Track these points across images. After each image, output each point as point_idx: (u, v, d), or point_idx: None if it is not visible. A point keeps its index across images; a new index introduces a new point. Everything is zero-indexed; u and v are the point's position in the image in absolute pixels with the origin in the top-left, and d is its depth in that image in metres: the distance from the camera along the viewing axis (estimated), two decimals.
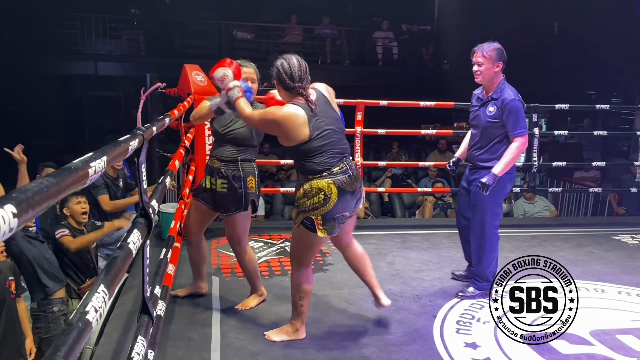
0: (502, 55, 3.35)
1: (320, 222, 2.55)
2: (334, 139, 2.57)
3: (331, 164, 2.55)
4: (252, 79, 3.08)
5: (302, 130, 2.50)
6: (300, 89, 2.56)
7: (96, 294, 1.02)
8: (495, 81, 3.37)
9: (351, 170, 2.60)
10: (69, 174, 0.92)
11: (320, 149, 2.53)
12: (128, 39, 11.72)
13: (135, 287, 3.36)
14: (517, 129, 3.26)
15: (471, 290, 3.47)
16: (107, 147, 1.27)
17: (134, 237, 1.44)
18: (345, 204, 2.57)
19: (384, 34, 12.31)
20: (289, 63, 2.56)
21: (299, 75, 2.56)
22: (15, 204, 0.68)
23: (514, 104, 3.27)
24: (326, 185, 2.53)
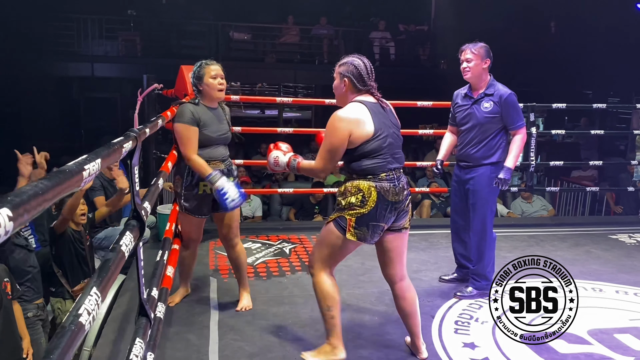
0: (489, 53, 3.42)
1: (353, 224, 2.45)
2: (390, 144, 2.51)
3: (380, 169, 2.47)
4: (221, 75, 3.06)
5: (366, 127, 2.44)
6: (372, 89, 2.55)
7: (89, 296, 1.01)
8: (484, 78, 3.42)
9: (399, 181, 2.50)
10: (64, 177, 0.91)
11: (374, 151, 2.46)
12: (125, 40, 11.71)
13: (132, 288, 3.35)
14: (518, 121, 3.34)
15: (469, 290, 3.47)
16: (101, 149, 1.26)
17: (126, 239, 1.43)
18: (382, 212, 2.44)
19: (381, 34, 12.32)
20: (364, 62, 2.54)
21: (371, 74, 2.55)
22: (10, 207, 0.67)
23: (512, 98, 3.33)
24: (367, 187, 2.44)
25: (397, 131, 2.60)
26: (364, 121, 2.44)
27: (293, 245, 4.50)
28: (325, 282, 2.57)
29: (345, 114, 2.45)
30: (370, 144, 2.45)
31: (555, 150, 10.98)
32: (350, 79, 2.51)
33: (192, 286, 3.54)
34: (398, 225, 2.55)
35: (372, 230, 2.47)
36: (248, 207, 6.56)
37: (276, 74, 12.45)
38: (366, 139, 2.44)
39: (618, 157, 11.62)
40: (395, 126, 2.60)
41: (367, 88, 2.53)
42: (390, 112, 2.61)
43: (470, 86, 3.50)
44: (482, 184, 3.39)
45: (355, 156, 2.47)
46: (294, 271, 3.90)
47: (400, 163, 2.56)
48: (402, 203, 2.51)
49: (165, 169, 3.03)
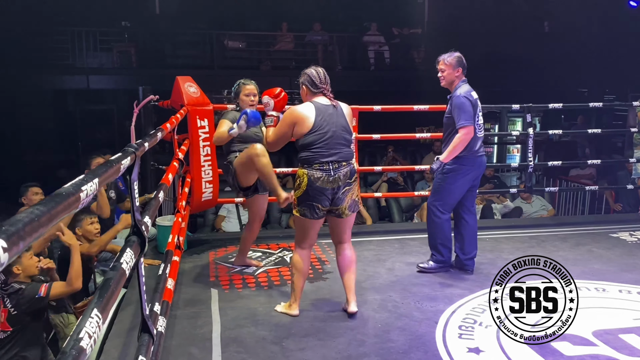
0: (461, 62, 3.83)
1: (296, 203, 3.10)
2: (328, 141, 3.02)
3: (314, 159, 3.01)
4: (254, 93, 3.85)
5: (306, 123, 3.02)
6: (325, 90, 3.12)
7: (89, 319, 1.00)
8: (455, 84, 3.84)
9: (335, 172, 3.02)
10: (60, 201, 0.90)
11: (313, 143, 3.01)
12: (119, 51, 11.68)
13: (133, 302, 3.33)
14: (460, 120, 3.71)
15: (430, 264, 3.94)
16: (98, 169, 1.24)
17: (127, 256, 1.41)
18: (315, 195, 3.01)
19: (374, 38, 12.32)
20: (317, 71, 3.14)
21: (325, 80, 3.14)
22: (5, 238, 0.66)
23: (458, 99, 3.74)
24: (302, 174, 3.04)
25: (343, 131, 3.09)
26: (306, 117, 3.02)
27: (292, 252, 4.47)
28: (295, 254, 3.22)
29: (295, 109, 3.07)
30: (308, 137, 3.02)
31: (553, 149, 10.98)
32: (306, 85, 3.13)
33: (192, 298, 3.52)
34: (337, 210, 3.10)
35: (309, 209, 3.05)
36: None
37: (272, 81, 12.40)
38: (305, 132, 3.02)
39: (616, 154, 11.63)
40: (342, 126, 3.09)
41: (319, 90, 3.11)
42: (339, 113, 3.12)
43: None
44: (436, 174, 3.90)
45: (299, 146, 3.07)
46: None
47: (340, 157, 3.04)
48: (337, 190, 3.03)
49: (166, 181, 3.02)
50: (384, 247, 4.62)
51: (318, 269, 4.09)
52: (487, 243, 4.72)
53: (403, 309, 3.33)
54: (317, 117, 3.02)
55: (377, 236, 4.99)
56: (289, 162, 9.97)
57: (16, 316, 3.06)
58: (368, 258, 4.35)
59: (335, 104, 3.13)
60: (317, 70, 3.14)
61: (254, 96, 3.84)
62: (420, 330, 3.05)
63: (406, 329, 3.07)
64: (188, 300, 3.50)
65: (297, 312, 3.23)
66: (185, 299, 3.52)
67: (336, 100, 3.17)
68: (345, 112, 3.17)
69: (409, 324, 3.12)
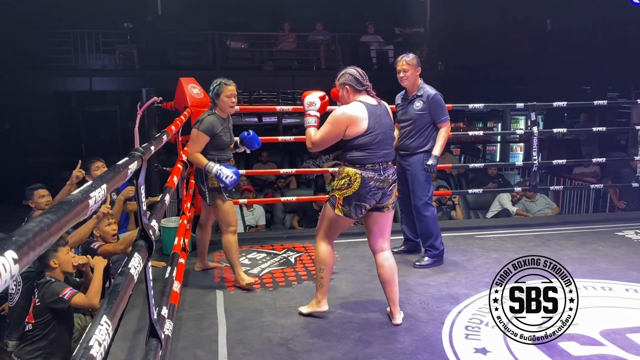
0: (419, 62, 4.11)
1: (341, 202, 3.01)
2: (380, 140, 3.00)
3: (367, 160, 2.98)
4: (235, 94, 3.72)
5: (361, 124, 2.96)
6: (369, 88, 3.08)
7: (99, 326, 0.99)
8: (417, 83, 4.10)
9: (384, 171, 3.02)
10: (69, 209, 0.89)
11: (366, 145, 2.97)
12: (122, 52, 11.69)
13: (139, 304, 3.33)
14: (442, 116, 4.02)
15: (426, 260, 4.12)
16: (106, 174, 1.24)
17: (135, 261, 1.40)
18: (365, 195, 2.97)
19: (372, 38, 12.31)
20: (356, 70, 3.10)
21: (366, 77, 3.10)
22: (15, 249, 0.65)
23: (437, 97, 4.02)
24: (353, 174, 2.98)
25: (390, 130, 3.08)
26: (361, 118, 2.95)
27: (298, 253, 4.48)
28: (322, 249, 3.15)
29: (347, 111, 2.98)
30: (362, 139, 2.96)
31: (556, 147, 10.96)
32: (350, 85, 3.05)
33: (198, 300, 3.52)
34: (381, 205, 3.07)
35: (355, 209, 3.02)
36: (251, 216, 6.54)
37: (274, 81, 12.44)
38: (360, 133, 2.96)
39: (619, 151, 11.59)
40: (389, 125, 3.08)
41: (364, 88, 3.06)
42: (385, 112, 3.09)
43: (406, 90, 4.18)
44: (417, 168, 4.09)
45: (349, 147, 3.01)
46: (301, 281, 3.88)
47: (388, 158, 3.05)
48: (385, 189, 3.02)
49: (171, 184, 3.01)
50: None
51: None
52: (492, 242, 4.71)
53: (409, 310, 3.32)
54: (370, 119, 2.96)
55: None
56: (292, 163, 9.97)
57: (39, 309, 3.10)
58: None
59: (379, 102, 3.09)
60: (357, 70, 3.08)
61: (234, 97, 3.70)
62: (427, 330, 3.04)
63: (412, 329, 3.06)
64: (193, 301, 3.50)
65: (327, 308, 3.22)
66: (191, 300, 3.51)
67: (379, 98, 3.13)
68: (389, 110, 3.15)
69: (415, 325, 3.11)
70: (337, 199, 3.02)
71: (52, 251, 3.17)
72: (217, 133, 3.59)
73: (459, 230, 5.17)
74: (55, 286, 3.09)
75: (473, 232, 5.09)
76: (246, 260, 4.33)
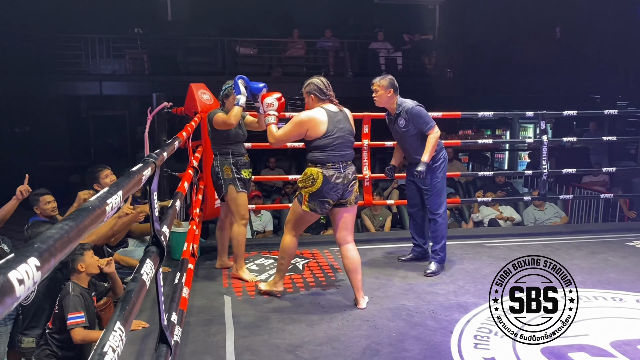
0: (392, 84, 4.08)
1: (307, 199, 3.34)
2: (339, 143, 3.32)
3: (327, 160, 3.30)
4: None
5: (320, 127, 3.28)
6: (332, 97, 3.40)
7: (112, 332, 0.99)
8: (391, 102, 4.11)
9: (344, 170, 3.33)
10: (87, 215, 0.90)
11: (326, 146, 3.29)
12: (132, 58, 11.77)
13: (147, 308, 3.33)
14: (427, 125, 4.05)
15: (434, 267, 4.13)
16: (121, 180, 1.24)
17: (146, 267, 1.41)
18: (327, 191, 3.30)
19: (381, 45, 12.33)
20: (321, 80, 3.42)
21: (329, 87, 3.42)
22: (38, 256, 0.66)
23: (415, 109, 4.05)
24: (315, 172, 3.30)
25: (348, 134, 3.39)
26: (321, 122, 3.29)
27: (306, 260, 4.47)
28: (287, 240, 3.51)
29: (309, 114, 3.33)
30: (321, 140, 3.29)
31: (565, 156, 10.91)
32: (314, 94, 3.39)
33: (206, 305, 3.52)
34: (344, 201, 3.39)
35: (320, 204, 3.34)
36: (259, 221, 6.55)
37: (283, 87, 12.45)
38: (319, 136, 3.29)
39: (628, 160, 11.52)
40: (348, 130, 3.39)
41: (327, 97, 3.38)
42: (345, 118, 3.41)
43: (388, 111, 4.23)
44: (427, 174, 4.09)
45: (311, 148, 3.34)
46: (308, 287, 3.87)
47: (347, 158, 3.37)
48: (346, 185, 3.34)
49: (182, 189, 3.02)
50: (397, 254, 4.60)
51: (330, 276, 4.08)
52: (500, 251, 4.69)
53: (417, 318, 3.30)
54: (329, 123, 3.30)
55: (389, 243, 4.97)
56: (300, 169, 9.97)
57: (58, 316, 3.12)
58: (381, 266, 4.33)
59: (341, 109, 3.43)
60: (321, 80, 3.41)
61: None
62: (435, 339, 3.03)
63: (421, 338, 3.04)
64: (201, 307, 3.50)
65: (282, 288, 3.64)
66: (199, 305, 3.51)
67: (341, 106, 3.46)
68: (350, 116, 3.47)
69: (424, 333, 3.10)
70: (304, 196, 3.34)
71: (79, 255, 3.22)
72: None
73: (467, 239, 5.15)
74: (71, 302, 3.10)
75: (482, 241, 5.07)
76: (254, 266, 4.33)
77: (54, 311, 3.17)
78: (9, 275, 0.60)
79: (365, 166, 5.13)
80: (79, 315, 3.08)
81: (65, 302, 3.09)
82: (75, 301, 3.10)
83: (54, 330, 3.17)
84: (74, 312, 3.07)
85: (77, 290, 3.15)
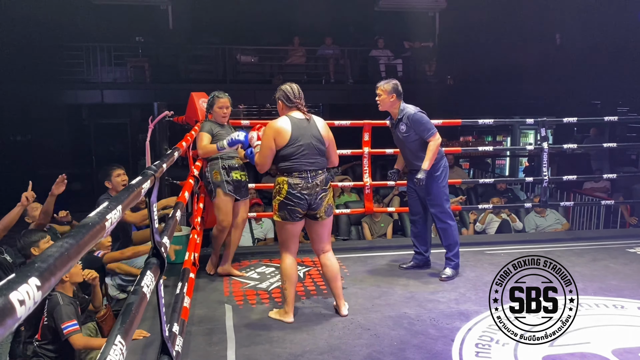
0: (396, 89, 4.12)
1: (277, 208, 3.32)
2: (305, 152, 3.28)
3: (293, 169, 3.27)
4: (227, 106, 4.17)
5: (284, 136, 3.27)
6: (299, 105, 3.37)
7: (113, 346, 1.00)
8: (394, 107, 4.14)
9: (312, 179, 3.29)
10: (87, 232, 0.91)
11: (291, 155, 3.27)
12: (133, 66, 11.81)
13: (149, 318, 3.33)
14: (427, 131, 4.04)
15: (449, 272, 4.16)
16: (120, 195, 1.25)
17: (147, 279, 1.41)
18: (294, 200, 3.26)
19: (381, 52, 12.37)
20: (291, 87, 3.40)
21: (299, 95, 3.39)
22: (38, 275, 0.67)
23: (416, 116, 4.05)
24: (282, 181, 3.29)
25: (317, 142, 3.33)
26: (284, 130, 3.27)
27: (307, 268, 4.47)
28: (284, 263, 3.39)
29: (272, 124, 3.33)
30: (286, 149, 3.27)
31: (566, 162, 10.90)
32: (282, 101, 3.38)
33: (207, 314, 3.52)
34: (313, 213, 3.33)
35: (289, 213, 3.28)
36: (260, 229, 6.55)
37: None
38: (283, 145, 3.26)
39: (629, 166, 11.52)
40: (316, 138, 3.33)
41: (294, 104, 3.36)
42: (313, 126, 3.35)
43: (390, 115, 4.25)
44: (428, 182, 4.08)
45: (278, 157, 3.32)
46: (309, 295, 3.87)
47: (316, 167, 3.31)
48: (313, 195, 3.29)
49: (182, 199, 3.03)
50: (398, 262, 4.59)
51: None
52: (501, 259, 4.68)
53: (419, 326, 3.30)
54: (293, 131, 3.28)
55: (390, 251, 4.97)
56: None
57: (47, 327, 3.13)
58: (382, 273, 4.33)
59: (308, 117, 3.38)
60: (291, 87, 3.40)
61: (226, 108, 4.17)
62: (437, 348, 3.02)
63: (422, 346, 3.04)
64: (202, 316, 3.50)
65: (292, 320, 3.40)
66: (200, 314, 3.51)
67: (310, 114, 3.43)
68: (319, 124, 3.40)
69: (425, 342, 3.09)
70: (274, 206, 3.34)
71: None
72: (216, 133, 4.06)
73: (468, 246, 5.14)
74: (63, 311, 3.11)
75: (483, 248, 5.06)
76: (255, 274, 4.33)
77: (42, 322, 3.17)
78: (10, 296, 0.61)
79: (366, 173, 5.14)
80: (74, 323, 3.11)
81: (57, 313, 3.10)
82: (67, 310, 3.13)
83: (46, 342, 3.17)
84: (67, 321, 3.09)
85: (66, 300, 3.18)
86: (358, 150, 5.19)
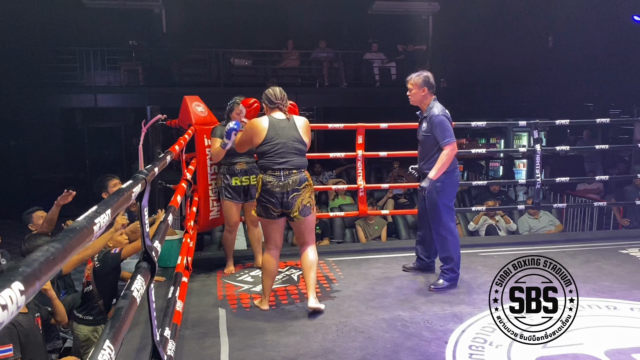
0: (427, 82, 3.94)
1: (255, 204, 3.57)
2: (280, 151, 3.43)
3: (268, 167, 3.43)
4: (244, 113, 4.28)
5: (261, 134, 3.45)
6: (280, 105, 3.54)
7: (102, 351, 0.99)
8: (425, 102, 3.96)
9: (285, 178, 3.41)
10: (74, 236, 0.90)
11: (266, 152, 3.43)
12: (126, 70, 11.80)
13: (141, 322, 3.31)
14: (444, 138, 3.82)
15: (441, 282, 3.97)
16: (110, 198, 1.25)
17: (137, 283, 1.41)
18: (267, 197, 3.42)
19: (375, 55, 12.40)
20: (273, 90, 3.58)
21: (280, 97, 3.55)
22: (22, 280, 0.66)
23: (438, 118, 3.84)
24: (259, 179, 3.50)
25: (294, 141, 3.47)
26: (261, 129, 3.45)
27: (301, 271, 4.45)
28: (264, 257, 3.61)
29: (252, 122, 3.56)
30: (262, 147, 3.45)
31: (559, 164, 10.95)
32: (265, 102, 3.58)
33: (200, 318, 3.51)
34: (287, 212, 3.46)
35: (264, 209, 3.46)
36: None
37: None
38: (260, 143, 3.45)
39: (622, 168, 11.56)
40: (293, 138, 3.48)
41: (275, 105, 3.53)
42: (292, 126, 3.50)
43: (421, 110, 4.06)
44: (430, 191, 3.89)
45: (257, 154, 3.53)
46: (303, 299, 3.85)
47: (290, 165, 3.43)
48: (284, 194, 3.41)
49: (174, 203, 3.02)
50: (392, 264, 4.60)
51: (326, 287, 4.07)
52: (495, 260, 4.69)
53: (412, 329, 3.30)
54: (269, 130, 3.45)
55: (384, 253, 4.97)
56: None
57: None
58: (376, 276, 4.33)
59: (289, 117, 3.54)
60: (273, 89, 3.59)
61: (242, 114, 4.31)
62: (430, 350, 3.02)
63: (416, 349, 3.04)
64: (196, 320, 3.49)
65: (267, 308, 3.63)
66: (193, 318, 3.50)
67: (291, 114, 3.61)
68: (299, 124, 3.55)
69: (419, 344, 3.09)
70: (255, 202, 3.57)
71: None
72: None
73: (462, 248, 5.12)
74: None
75: (476, 250, 5.07)
76: (249, 277, 4.33)
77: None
78: None
79: (360, 176, 5.15)
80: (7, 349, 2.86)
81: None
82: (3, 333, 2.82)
83: None
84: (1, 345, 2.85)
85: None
86: (352, 153, 5.20)
